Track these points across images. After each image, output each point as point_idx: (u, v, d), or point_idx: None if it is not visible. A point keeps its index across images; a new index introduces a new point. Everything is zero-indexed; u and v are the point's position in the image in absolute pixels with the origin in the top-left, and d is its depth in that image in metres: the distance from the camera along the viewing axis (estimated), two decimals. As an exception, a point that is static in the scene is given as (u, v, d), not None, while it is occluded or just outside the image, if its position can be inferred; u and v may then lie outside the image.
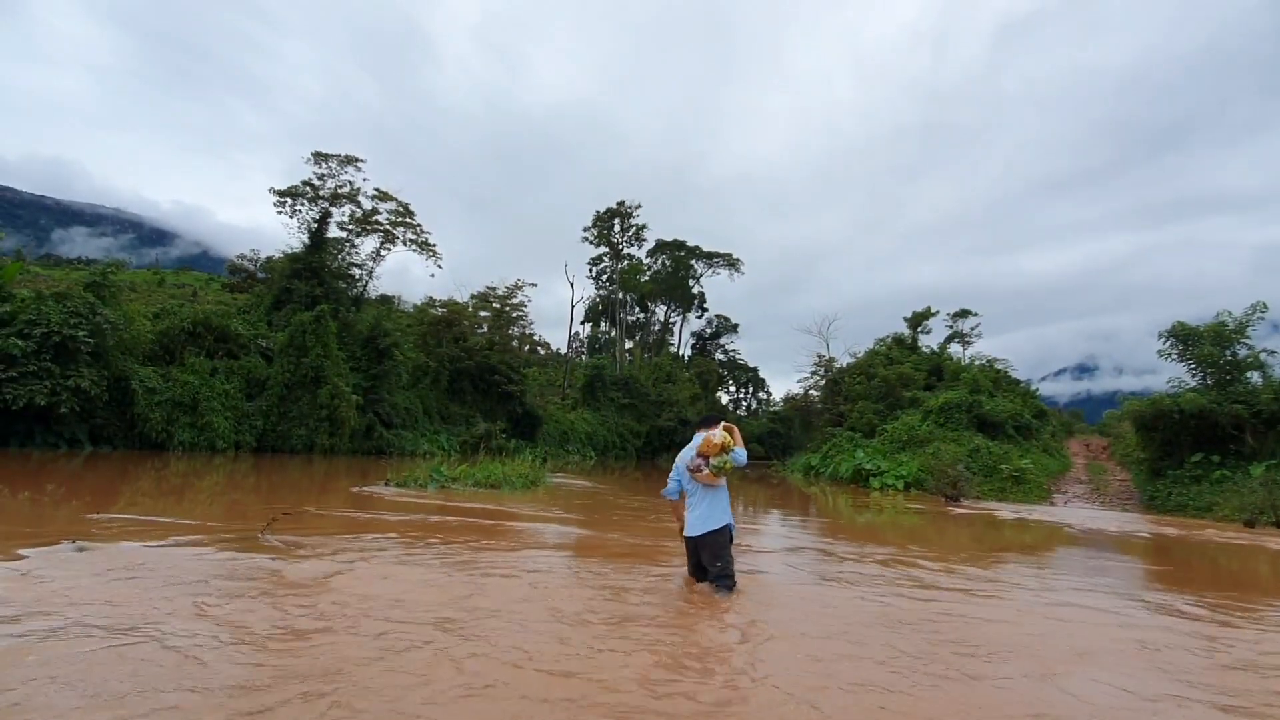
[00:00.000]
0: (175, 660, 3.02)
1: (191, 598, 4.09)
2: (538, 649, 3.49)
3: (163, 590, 4.24)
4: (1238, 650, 4.49)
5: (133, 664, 2.95)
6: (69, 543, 5.51)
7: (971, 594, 5.95)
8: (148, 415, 19.54)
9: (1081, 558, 9.84)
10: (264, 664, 3.04)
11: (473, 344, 36.46)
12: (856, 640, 4.08)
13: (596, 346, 68.41)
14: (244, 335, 24.42)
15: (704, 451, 4.91)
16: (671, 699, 2.92)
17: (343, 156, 31.74)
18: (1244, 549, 11.36)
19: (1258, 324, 20.66)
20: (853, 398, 36.71)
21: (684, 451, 5.24)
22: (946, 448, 24.70)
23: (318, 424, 23.52)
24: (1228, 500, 17.12)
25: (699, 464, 4.95)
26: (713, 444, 4.86)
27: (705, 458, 4.93)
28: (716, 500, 5.01)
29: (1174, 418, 20.13)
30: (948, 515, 15.44)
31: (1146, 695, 3.39)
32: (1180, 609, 5.86)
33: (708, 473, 4.93)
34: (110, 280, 20.38)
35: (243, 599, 4.16)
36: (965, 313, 45.34)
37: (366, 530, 7.57)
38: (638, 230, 56.64)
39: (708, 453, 4.90)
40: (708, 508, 4.98)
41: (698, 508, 5.03)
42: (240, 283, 36.21)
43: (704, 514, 4.97)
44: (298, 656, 3.16)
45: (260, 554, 5.66)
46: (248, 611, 3.88)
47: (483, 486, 13.86)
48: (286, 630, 3.57)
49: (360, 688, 2.82)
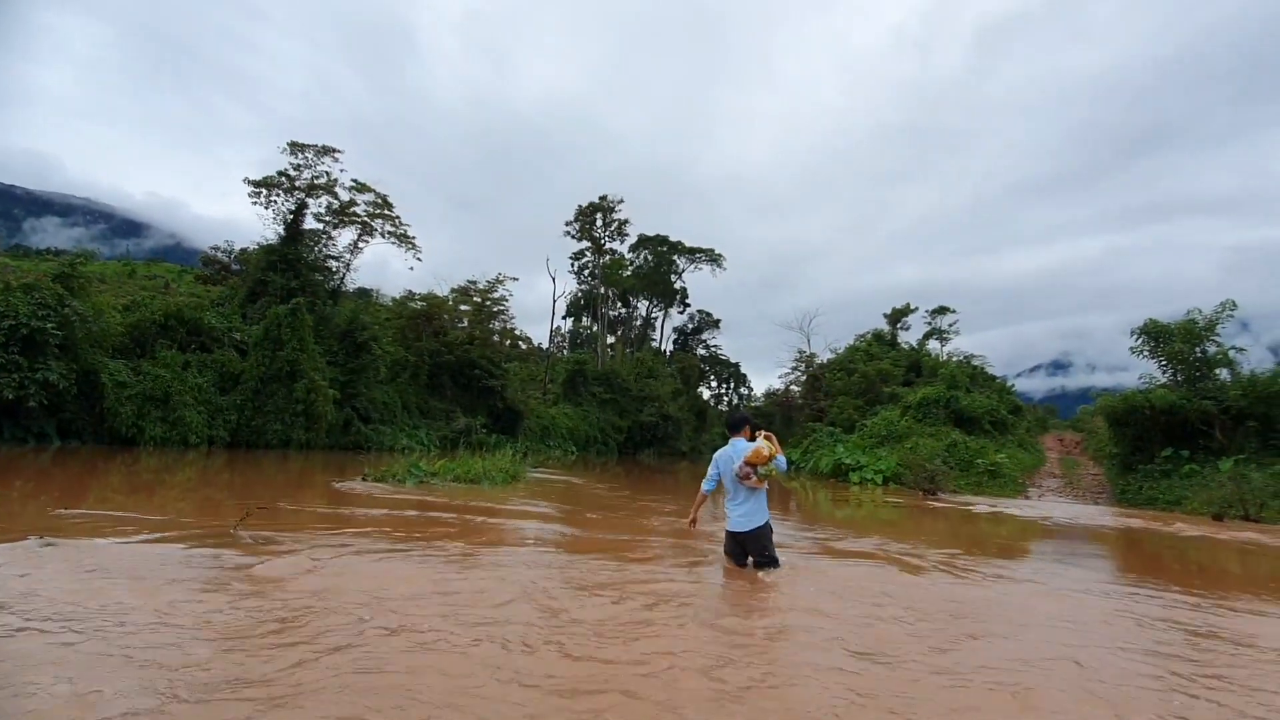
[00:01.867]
0: (140, 657, 2.93)
1: (159, 594, 3.99)
2: (524, 639, 3.45)
3: (130, 586, 4.13)
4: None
5: (96, 661, 2.85)
6: (36, 539, 5.34)
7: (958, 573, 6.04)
8: (118, 409, 19.11)
9: (1053, 546, 10.01)
10: (229, 661, 2.97)
11: (453, 338, 36.15)
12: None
13: (578, 341, 68.27)
14: (217, 328, 23.97)
15: (753, 461, 5.52)
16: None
17: (319, 147, 31.15)
18: (1209, 542, 11.63)
19: (1227, 322, 21.12)
20: (833, 393, 37.03)
21: (724, 451, 5.85)
22: (924, 442, 25.02)
23: (294, 419, 23.16)
24: (1196, 494, 17.51)
25: (748, 471, 5.55)
26: (762, 455, 5.49)
27: (754, 466, 5.53)
28: (759, 500, 5.71)
29: (1145, 413, 20.54)
30: (924, 509, 15.62)
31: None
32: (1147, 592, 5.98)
33: (755, 480, 5.58)
34: (79, 271, 19.85)
35: (212, 594, 4.06)
36: (944, 309, 45.87)
37: (342, 526, 7.46)
38: (620, 225, 56.52)
39: (757, 462, 5.51)
40: (752, 507, 5.68)
41: (742, 506, 5.70)
42: (214, 275, 35.49)
43: (748, 512, 5.68)
44: (259, 653, 3.09)
45: (232, 550, 5.54)
46: (215, 608, 3.78)
47: (462, 482, 13.74)
48: (255, 626, 3.48)
49: (320, 687, 2.76)
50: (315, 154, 31.17)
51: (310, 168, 31.21)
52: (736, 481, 5.66)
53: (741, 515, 5.69)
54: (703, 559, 6.57)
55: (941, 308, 45.98)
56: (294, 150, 30.86)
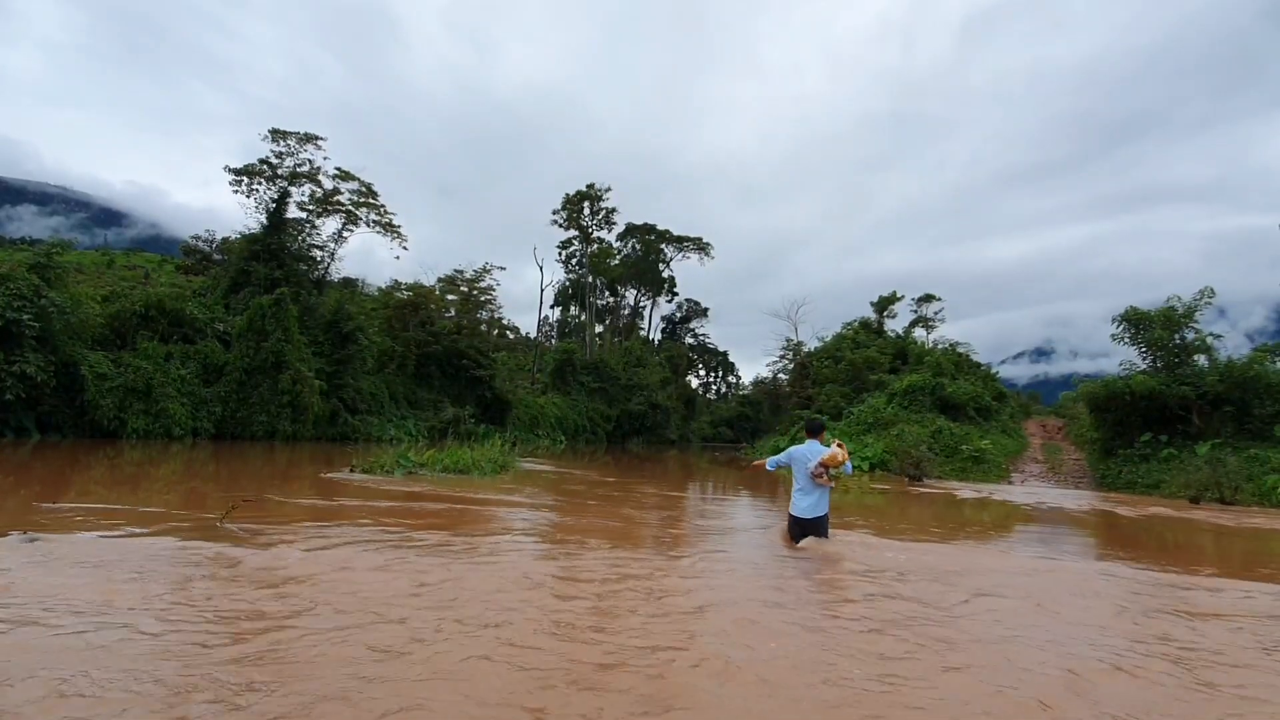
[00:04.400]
0: (122, 651, 2.92)
1: (142, 586, 3.97)
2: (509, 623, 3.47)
3: (113, 580, 4.10)
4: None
5: (81, 655, 2.84)
6: (19, 534, 5.29)
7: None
8: (98, 402, 18.87)
9: (1036, 529, 10.19)
10: (212, 651, 2.96)
11: (440, 328, 35.92)
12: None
13: (566, 331, 67.96)
14: (200, 319, 23.68)
15: (827, 463, 6.46)
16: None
17: (301, 134, 30.73)
18: (1185, 523, 11.88)
19: (1205, 309, 21.47)
20: (820, 381, 37.26)
21: (799, 449, 6.74)
22: (910, 429, 25.25)
23: (279, 410, 22.99)
24: (1174, 478, 17.84)
25: (821, 471, 6.49)
26: (837, 459, 6.43)
27: (827, 468, 6.48)
28: (824, 495, 6.70)
29: (1125, 399, 20.86)
30: (910, 494, 15.80)
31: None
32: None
33: (826, 479, 6.55)
34: (56, 261, 19.50)
35: (197, 587, 4.04)
36: (929, 298, 46.24)
37: (330, 517, 7.44)
38: (608, 214, 56.21)
39: (831, 465, 6.46)
40: (818, 499, 6.65)
41: (809, 498, 6.64)
42: (195, 265, 35.00)
43: (814, 503, 6.64)
44: (247, 641, 3.09)
45: (218, 542, 5.51)
46: (201, 602, 3.77)
47: (451, 472, 13.72)
48: (241, 617, 3.48)
49: (310, 677, 2.76)
50: (297, 141, 30.75)
51: (292, 155, 30.82)
52: (809, 476, 6.56)
53: (809, 505, 6.64)
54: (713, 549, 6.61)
55: (927, 295, 46.35)
56: (275, 138, 30.42)
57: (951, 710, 2.77)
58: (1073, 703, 2.92)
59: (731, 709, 2.70)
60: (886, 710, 2.74)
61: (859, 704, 2.80)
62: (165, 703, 2.47)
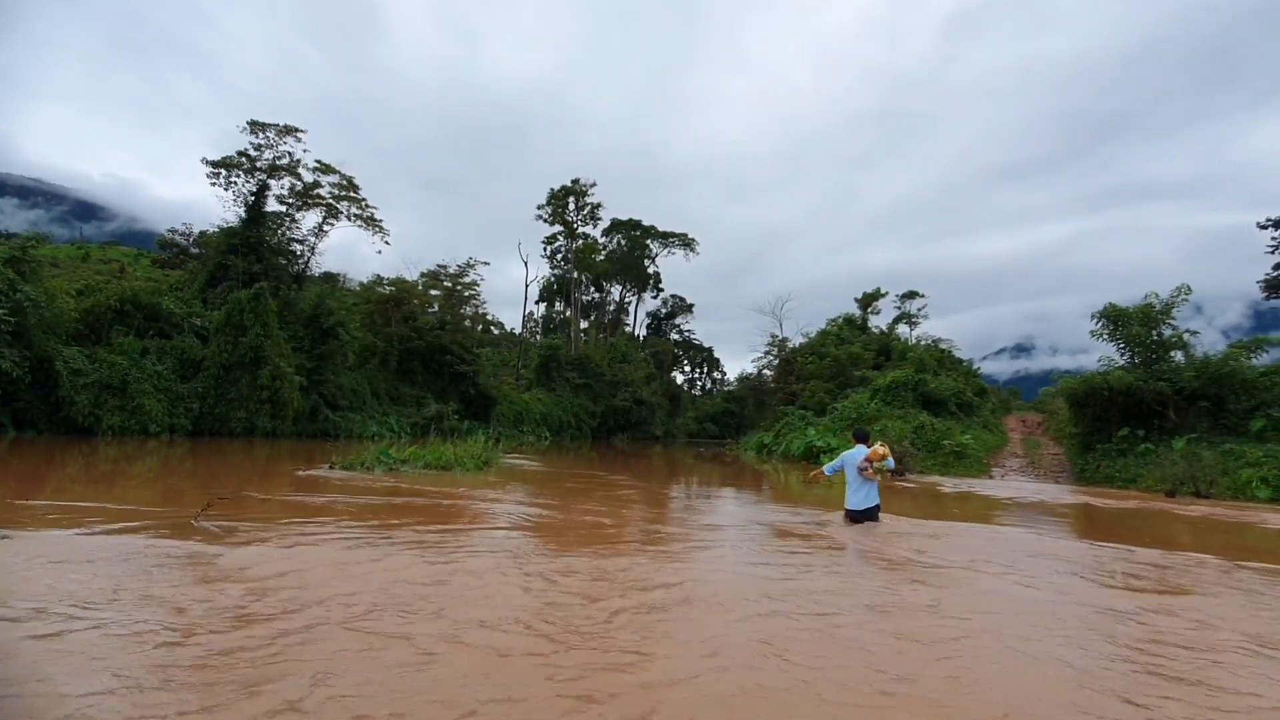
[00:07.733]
0: (92, 648, 2.85)
1: (114, 584, 3.88)
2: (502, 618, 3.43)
3: (85, 577, 4.01)
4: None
5: (50, 654, 2.77)
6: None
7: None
8: (74, 398, 18.52)
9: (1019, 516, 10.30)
10: (188, 652, 2.90)
11: (423, 323, 35.66)
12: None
13: (551, 326, 67.69)
14: (176, 314, 23.30)
15: (872, 459, 7.58)
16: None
17: (281, 126, 30.23)
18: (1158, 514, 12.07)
19: (1182, 306, 21.76)
20: (805, 377, 37.40)
21: (850, 453, 7.87)
22: (893, 425, 25.42)
23: (258, 406, 22.69)
24: (1151, 472, 18.11)
25: (865, 465, 7.60)
26: (879, 453, 7.59)
27: (871, 462, 7.59)
28: (873, 489, 7.81)
29: (1104, 394, 21.12)
30: (894, 488, 15.91)
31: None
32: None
33: (871, 472, 7.65)
34: (31, 255, 19.07)
35: (169, 585, 3.96)
36: (913, 294, 46.51)
37: (307, 514, 7.34)
38: (593, 209, 56.06)
39: (874, 458, 7.58)
40: (867, 493, 7.78)
41: (860, 492, 7.77)
42: (172, 259, 34.38)
43: (865, 497, 7.77)
44: (219, 643, 3.03)
45: (193, 540, 5.42)
46: (175, 599, 3.70)
47: (433, 468, 13.62)
48: (211, 616, 3.41)
49: (283, 674, 2.71)
50: (277, 133, 30.24)
51: (272, 148, 30.30)
52: (858, 475, 7.68)
53: (861, 498, 7.76)
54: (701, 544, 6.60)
55: (911, 292, 46.63)
56: (254, 129, 29.90)
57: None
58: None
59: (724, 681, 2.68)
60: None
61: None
62: (131, 702, 2.41)
